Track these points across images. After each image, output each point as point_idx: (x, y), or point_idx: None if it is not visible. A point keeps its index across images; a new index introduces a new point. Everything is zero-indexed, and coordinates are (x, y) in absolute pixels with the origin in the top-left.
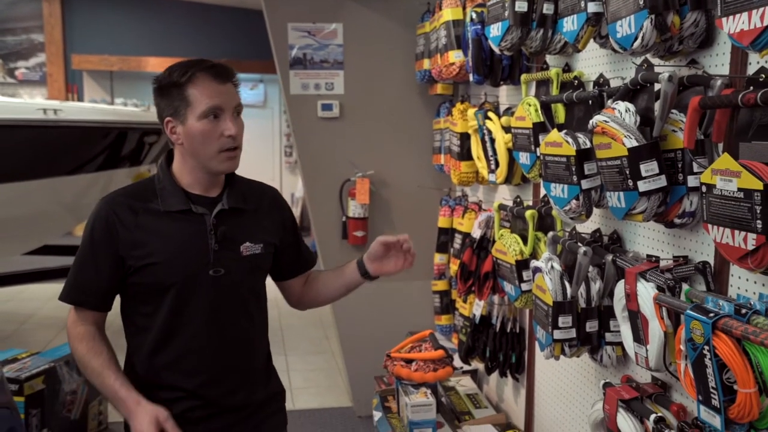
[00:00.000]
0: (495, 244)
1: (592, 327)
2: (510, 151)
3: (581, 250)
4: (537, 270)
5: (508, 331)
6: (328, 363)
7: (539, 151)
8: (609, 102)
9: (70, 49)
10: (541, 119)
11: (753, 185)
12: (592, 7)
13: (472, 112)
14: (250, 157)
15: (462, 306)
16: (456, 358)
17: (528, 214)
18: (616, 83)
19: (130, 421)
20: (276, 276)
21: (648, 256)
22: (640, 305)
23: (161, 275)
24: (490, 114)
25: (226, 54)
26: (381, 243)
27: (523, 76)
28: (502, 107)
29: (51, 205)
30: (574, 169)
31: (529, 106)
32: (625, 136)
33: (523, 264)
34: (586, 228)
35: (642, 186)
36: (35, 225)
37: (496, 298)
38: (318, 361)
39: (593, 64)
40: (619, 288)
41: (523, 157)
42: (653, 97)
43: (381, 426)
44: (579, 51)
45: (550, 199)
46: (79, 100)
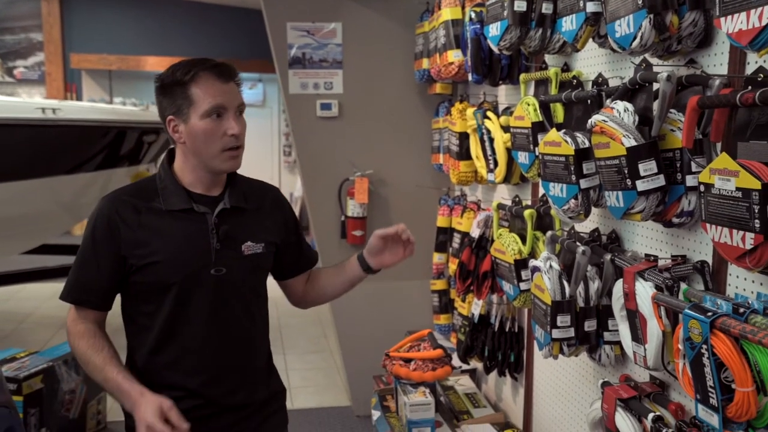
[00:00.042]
0: (494, 243)
1: (590, 326)
2: (509, 151)
3: (580, 249)
4: (535, 269)
5: (507, 330)
6: (326, 362)
7: (538, 151)
8: (608, 101)
9: (68, 48)
10: (540, 119)
11: (751, 185)
12: (591, 7)
13: (470, 111)
14: (249, 156)
15: (461, 305)
16: (455, 358)
17: (527, 213)
18: (614, 83)
19: (135, 412)
20: (278, 275)
21: (646, 255)
22: (639, 304)
23: (163, 274)
24: (489, 113)
25: (225, 53)
26: (379, 236)
27: (522, 76)
28: (501, 107)
29: (50, 204)
30: (572, 168)
31: (528, 105)
32: (623, 136)
33: (521, 263)
34: (584, 227)
35: (640, 185)
36: (34, 224)
37: (494, 298)
38: (316, 360)
39: (592, 63)
40: (618, 287)
41: (522, 157)
42: (652, 96)
43: (379, 425)
44: (578, 50)
45: (549, 198)
46: (78, 99)
